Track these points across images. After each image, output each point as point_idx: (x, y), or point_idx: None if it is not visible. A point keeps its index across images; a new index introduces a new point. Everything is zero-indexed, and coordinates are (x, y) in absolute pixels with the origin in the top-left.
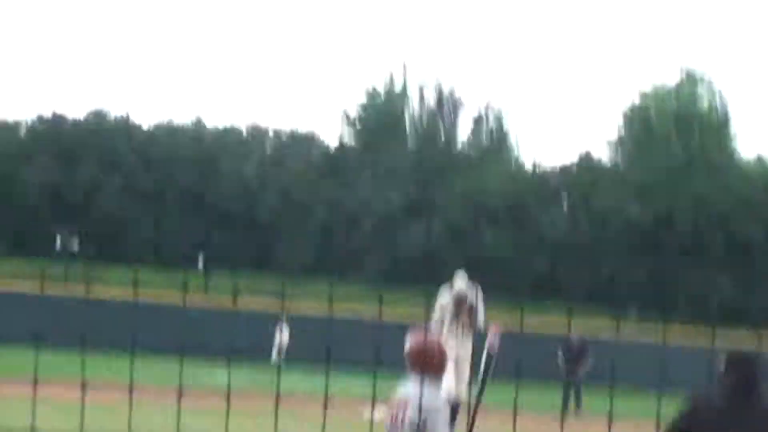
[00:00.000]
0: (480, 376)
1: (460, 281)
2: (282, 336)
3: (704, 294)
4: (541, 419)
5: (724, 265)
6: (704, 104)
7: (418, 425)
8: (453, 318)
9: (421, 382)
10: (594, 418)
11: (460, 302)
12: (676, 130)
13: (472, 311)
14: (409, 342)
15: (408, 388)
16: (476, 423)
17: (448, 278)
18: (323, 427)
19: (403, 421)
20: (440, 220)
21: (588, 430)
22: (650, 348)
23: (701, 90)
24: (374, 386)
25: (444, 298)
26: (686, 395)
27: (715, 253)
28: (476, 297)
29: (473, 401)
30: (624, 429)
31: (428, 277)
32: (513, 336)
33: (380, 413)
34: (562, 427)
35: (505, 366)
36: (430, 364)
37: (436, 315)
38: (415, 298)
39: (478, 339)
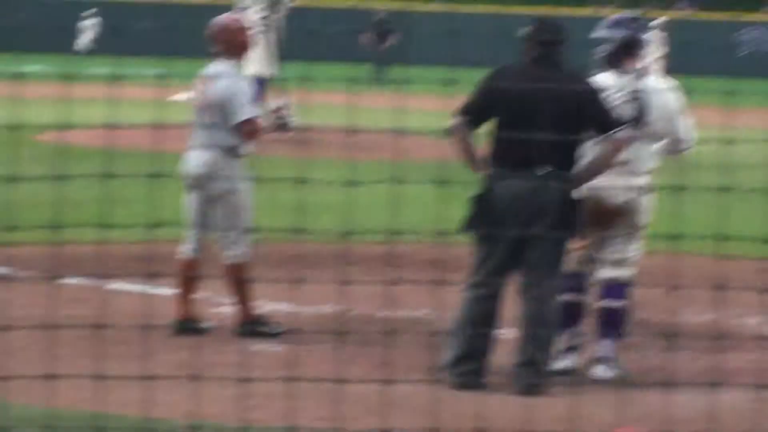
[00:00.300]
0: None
1: None
2: (91, 27)
3: None
4: (344, 93)
5: None
6: None
7: (221, 107)
8: (267, 8)
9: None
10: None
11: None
12: None
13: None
14: (213, 22)
15: (211, 67)
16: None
17: None
18: None
19: (206, 97)
20: None
21: (388, 103)
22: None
23: None
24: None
25: None
26: (492, 67)
27: None
28: None
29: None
30: (429, 102)
31: None
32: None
33: (186, 95)
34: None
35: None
36: (232, 42)
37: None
38: None
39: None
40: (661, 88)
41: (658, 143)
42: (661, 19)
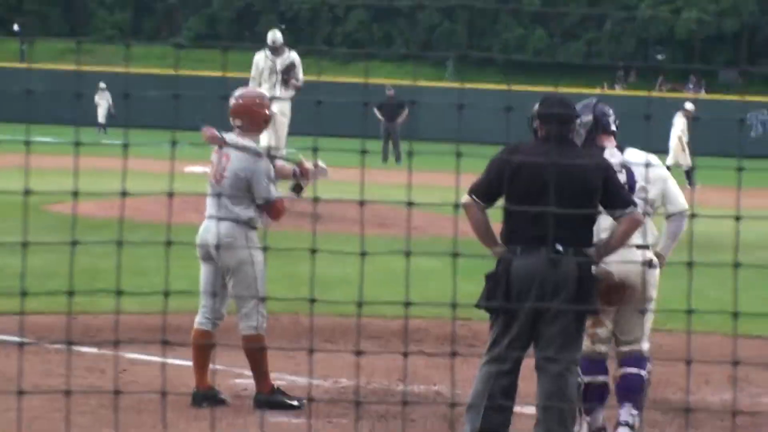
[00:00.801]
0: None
1: (274, 36)
2: (103, 101)
3: (520, 45)
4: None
5: (538, 17)
6: None
7: (242, 179)
8: (270, 74)
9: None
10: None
11: (276, 52)
12: None
13: (290, 69)
14: (234, 96)
15: (229, 140)
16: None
17: (264, 37)
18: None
19: (224, 171)
20: None
21: (401, 180)
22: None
23: None
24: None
25: (259, 56)
26: (507, 144)
27: (530, 5)
28: (292, 57)
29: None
30: (441, 178)
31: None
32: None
33: (200, 167)
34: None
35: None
36: (254, 118)
37: (252, 72)
38: (232, 57)
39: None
40: (646, 157)
41: (653, 211)
42: (689, 105)
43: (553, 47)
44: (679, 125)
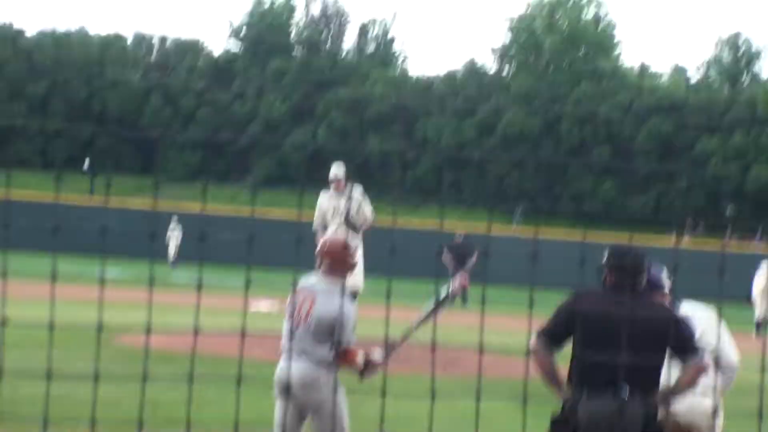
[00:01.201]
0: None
1: (336, 170)
2: (175, 236)
3: (587, 196)
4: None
5: (607, 169)
6: (590, 15)
7: (330, 326)
8: (334, 214)
9: (339, 285)
10: (479, 313)
11: (338, 188)
12: (561, 40)
13: (356, 208)
14: (323, 241)
15: (314, 283)
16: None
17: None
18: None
19: (308, 314)
20: (325, 125)
21: (471, 322)
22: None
23: (586, 2)
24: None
25: (323, 198)
26: (571, 289)
27: (599, 158)
28: (353, 194)
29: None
30: (506, 321)
31: (313, 181)
32: (392, 232)
33: (268, 306)
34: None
35: (386, 261)
36: (343, 262)
37: (317, 218)
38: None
39: (368, 232)
40: (699, 307)
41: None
42: None
43: (623, 198)
44: (764, 278)
